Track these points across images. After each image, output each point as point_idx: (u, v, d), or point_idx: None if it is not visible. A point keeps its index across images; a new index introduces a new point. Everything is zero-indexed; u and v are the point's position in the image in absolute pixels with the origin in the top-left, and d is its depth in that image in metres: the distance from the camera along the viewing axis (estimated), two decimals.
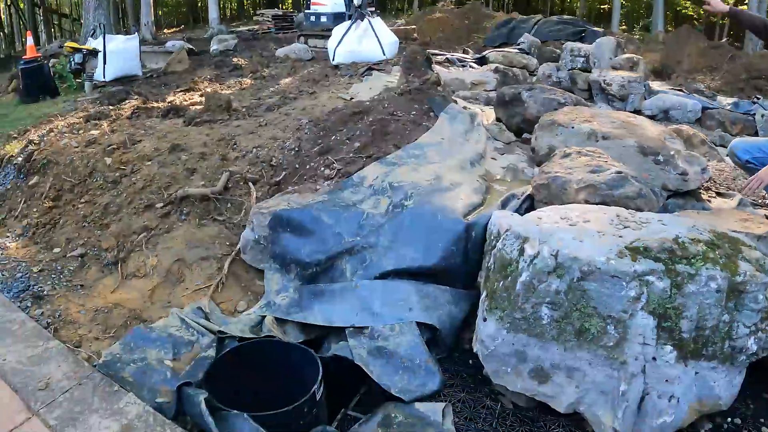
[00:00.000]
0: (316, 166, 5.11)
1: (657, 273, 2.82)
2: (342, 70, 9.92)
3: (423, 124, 5.52)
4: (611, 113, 5.38)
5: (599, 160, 4.09)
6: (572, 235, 3.04)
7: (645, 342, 2.88)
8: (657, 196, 3.94)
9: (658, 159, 4.50)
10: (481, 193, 4.48)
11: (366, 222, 4.10)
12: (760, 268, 2.97)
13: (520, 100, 5.84)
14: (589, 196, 3.76)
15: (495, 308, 3.16)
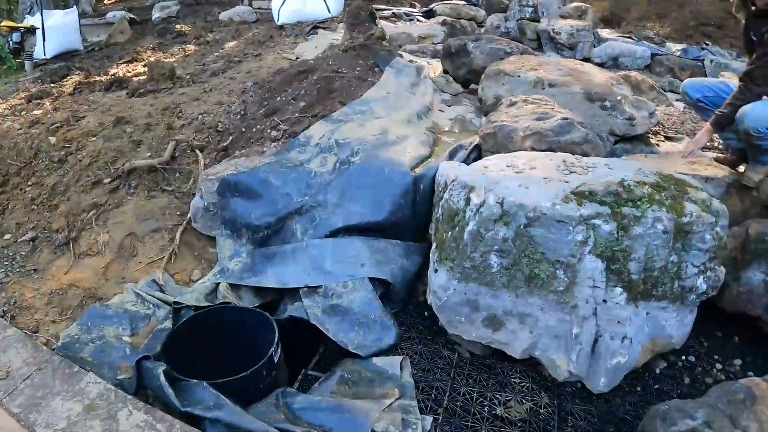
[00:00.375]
0: (262, 128, 5.03)
1: (603, 216, 2.83)
2: (287, 30, 9.71)
3: (368, 80, 5.44)
4: (559, 61, 5.38)
5: (545, 108, 4.08)
6: (518, 182, 3.03)
7: (595, 285, 2.91)
8: (604, 141, 3.96)
9: (604, 105, 4.51)
10: (428, 145, 4.44)
11: (314, 181, 4.07)
12: (707, 208, 3.01)
13: (467, 51, 5.79)
14: (536, 143, 3.76)
15: (445, 259, 3.17)
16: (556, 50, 9.22)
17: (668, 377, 3.35)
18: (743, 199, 3.95)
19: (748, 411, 2.67)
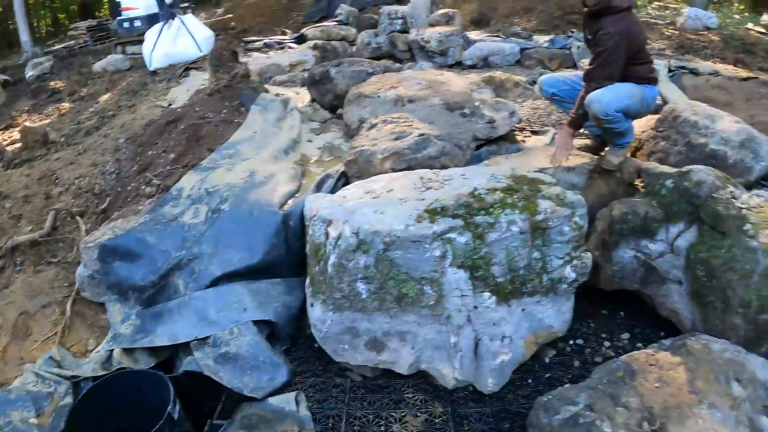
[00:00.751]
0: (137, 185, 5.00)
1: (457, 229, 2.95)
2: (160, 74, 9.56)
3: (235, 121, 5.48)
4: (418, 74, 5.52)
5: (404, 126, 4.20)
6: (374, 208, 3.12)
7: (463, 294, 3.03)
8: (463, 150, 4.10)
9: (464, 112, 4.67)
10: (296, 179, 4.50)
11: (189, 234, 4.10)
12: (561, 202, 3.19)
13: (329, 77, 5.87)
14: (395, 163, 3.87)
15: (317, 293, 3.23)
16: (428, 58, 9.39)
17: (558, 364, 3.51)
18: (608, 182, 4.18)
19: (628, 387, 2.84)
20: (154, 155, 5.29)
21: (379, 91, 5.01)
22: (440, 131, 4.27)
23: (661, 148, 4.48)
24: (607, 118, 3.89)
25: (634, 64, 4.00)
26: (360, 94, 5.06)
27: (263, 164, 4.65)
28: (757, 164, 4.20)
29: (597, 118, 3.93)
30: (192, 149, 5.11)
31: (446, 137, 4.18)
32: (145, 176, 5.01)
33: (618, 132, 4.04)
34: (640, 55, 4.02)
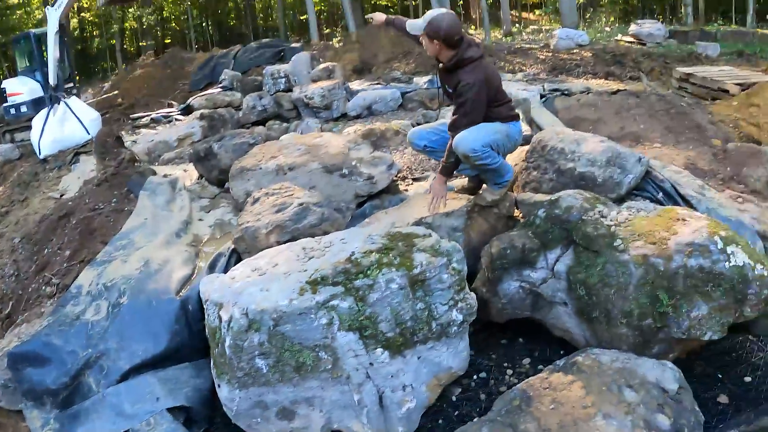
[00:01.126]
0: (37, 286, 4.90)
1: (338, 296, 3.07)
2: (51, 162, 9.29)
3: (125, 209, 5.45)
4: (297, 139, 5.61)
5: (284, 197, 4.28)
6: (260, 286, 3.19)
7: (356, 354, 3.13)
8: (342, 212, 4.22)
9: (343, 173, 4.80)
10: (191, 262, 4.52)
11: (93, 331, 4.08)
12: (435, 252, 3.33)
13: (213, 152, 5.90)
14: (279, 236, 3.94)
15: (222, 373, 3.26)
16: (314, 114, 9.54)
17: (466, 400, 3.61)
18: (487, 218, 4.39)
19: (525, 414, 2.98)
20: (50, 253, 5.21)
21: (260, 163, 5.08)
22: (320, 197, 4.37)
23: (534, 178, 4.72)
24: (476, 154, 4.05)
25: (496, 106, 4.23)
26: (242, 168, 5.11)
27: (157, 251, 4.65)
28: (625, 178, 4.49)
29: (467, 158, 4.09)
30: (86, 244, 5.05)
31: (325, 203, 4.28)
32: (44, 276, 4.93)
33: (493, 169, 4.21)
34: (499, 97, 4.25)
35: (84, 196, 5.83)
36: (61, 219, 5.59)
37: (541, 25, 26.42)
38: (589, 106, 7.36)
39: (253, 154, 5.32)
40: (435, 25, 4.02)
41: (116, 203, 5.55)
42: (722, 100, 8.19)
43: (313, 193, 4.43)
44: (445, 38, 4.02)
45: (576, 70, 11.90)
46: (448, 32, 4.00)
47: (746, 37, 16.40)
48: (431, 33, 4.05)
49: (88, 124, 9.91)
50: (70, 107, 10.03)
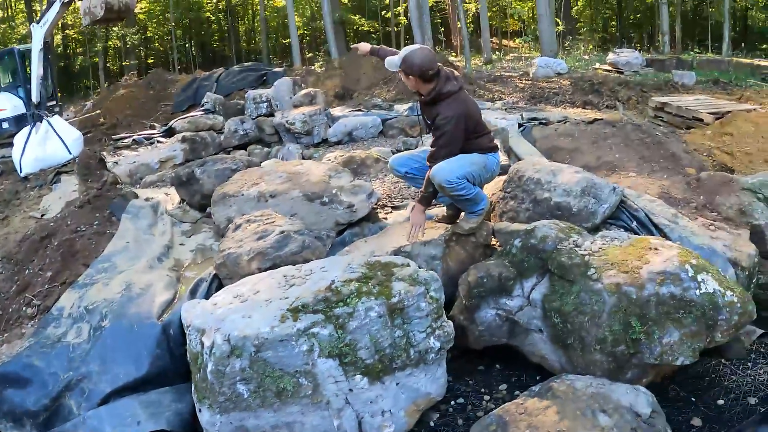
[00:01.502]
0: (17, 307, 4.86)
1: (319, 323, 3.14)
2: (32, 180, 9.23)
3: (107, 232, 5.44)
4: (278, 167, 5.68)
5: (266, 224, 4.33)
6: (242, 313, 3.25)
7: (336, 380, 3.20)
8: (323, 240, 4.28)
9: (323, 201, 4.88)
10: (172, 286, 4.54)
11: (74, 354, 4.09)
12: (414, 281, 3.42)
13: (195, 177, 5.94)
14: (260, 263, 3.99)
15: (203, 398, 3.30)
16: (295, 140, 9.53)
17: (444, 425, 3.66)
18: (465, 247, 4.46)
19: None
20: (31, 274, 5.17)
21: (242, 189, 5.13)
22: (301, 225, 4.43)
23: (511, 208, 4.83)
24: (451, 185, 4.14)
25: (475, 137, 4.34)
26: (225, 194, 5.16)
27: (139, 275, 4.67)
28: (600, 207, 4.61)
29: (442, 188, 4.18)
30: (68, 265, 5.04)
31: (306, 231, 4.34)
32: (25, 297, 4.90)
33: (467, 199, 4.30)
34: (478, 129, 4.37)
35: (66, 218, 5.82)
36: (43, 240, 5.57)
37: (521, 53, 26.78)
38: (567, 136, 7.51)
39: (235, 180, 5.38)
40: (409, 62, 4.14)
41: (98, 225, 5.55)
42: (697, 129, 8.40)
43: (294, 221, 4.50)
44: (420, 74, 4.14)
45: (554, 98, 12.09)
46: (422, 67, 4.12)
47: (721, 65, 16.80)
48: (406, 69, 4.18)
49: (70, 144, 9.91)
50: (52, 126, 10.00)
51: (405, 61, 4.16)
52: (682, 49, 23.79)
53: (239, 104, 12.34)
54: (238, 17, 39.74)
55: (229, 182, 5.41)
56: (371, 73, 14.83)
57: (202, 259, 5.06)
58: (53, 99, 12.70)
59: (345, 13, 30.80)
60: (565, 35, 27.78)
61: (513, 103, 11.77)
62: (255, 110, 10.82)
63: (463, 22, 21.39)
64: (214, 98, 13.03)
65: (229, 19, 36.85)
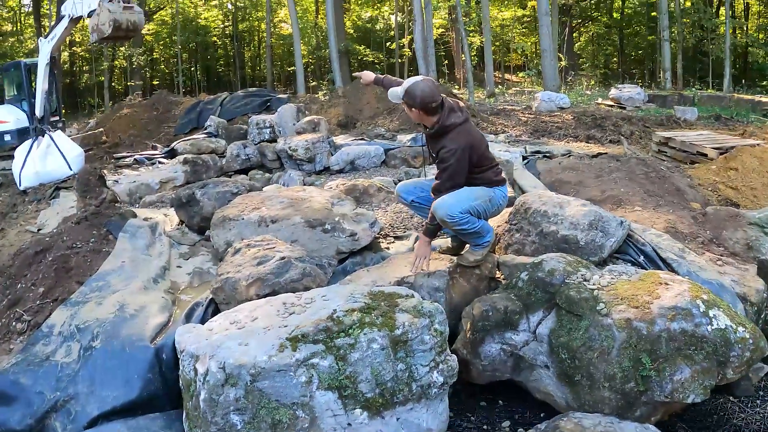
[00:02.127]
0: (7, 321, 4.70)
1: (319, 354, 3.01)
2: (30, 194, 9.24)
3: (104, 250, 5.33)
4: (281, 192, 5.60)
5: (266, 249, 4.23)
6: (239, 340, 3.12)
7: (335, 414, 3.05)
8: (324, 269, 4.18)
9: (326, 228, 4.78)
10: (167, 309, 4.42)
11: (62, 374, 3.93)
12: (418, 313, 3.31)
13: (195, 199, 5.86)
14: (259, 289, 3.88)
15: (194, 427, 3.16)
16: (297, 166, 9.53)
17: None
18: (469, 280, 4.35)
19: None
20: (23, 289, 5.04)
21: (242, 213, 5.04)
22: (302, 252, 4.33)
23: (517, 240, 4.74)
24: (453, 220, 4.05)
25: (481, 170, 4.26)
26: (225, 218, 5.06)
27: (133, 296, 4.55)
28: (607, 241, 4.51)
29: (444, 222, 4.10)
30: (62, 282, 4.91)
31: (307, 258, 4.24)
32: (16, 311, 4.74)
33: (471, 232, 4.21)
34: (484, 162, 4.29)
35: (62, 233, 5.73)
36: (37, 254, 5.47)
37: (524, 87, 26.94)
38: (571, 169, 7.45)
39: (236, 204, 5.29)
40: (411, 95, 4.10)
41: (95, 243, 5.46)
42: (701, 163, 8.39)
43: (295, 248, 4.40)
44: (423, 106, 4.10)
45: (557, 132, 12.09)
46: (425, 100, 4.07)
47: (723, 101, 16.94)
48: (409, 102, 4.14)
49: (71, 160, 9.94)
50: (54, 141, 10.04)
51: (408, 93, 4.12)
52: (683, 85, 23.97)
53: (242, 129, 12.37)
54: (245, 43, 40.06)
55: (229, 206, 5.32)
56: (375, 102, 14.87)
57: (198, 283, 4.94)
58: (57, 114, 12.75)
59: (350, 43, 31.06)
60: (568, 71, 27.99)
61: (516, 136, 11.77)
62: (258, 135, 10.84)
63: (467, 55, 21.55)
64: (217, 122, 13.06)
65: (235, 45, 37.14)
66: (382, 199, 6.55)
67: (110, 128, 16.13)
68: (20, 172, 9.70)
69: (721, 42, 24.17)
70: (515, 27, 33.29)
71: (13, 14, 33.47)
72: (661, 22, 23.79)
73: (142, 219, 6.05)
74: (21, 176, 9.69)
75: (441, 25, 33.69)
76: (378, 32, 36.74)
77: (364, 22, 37.38)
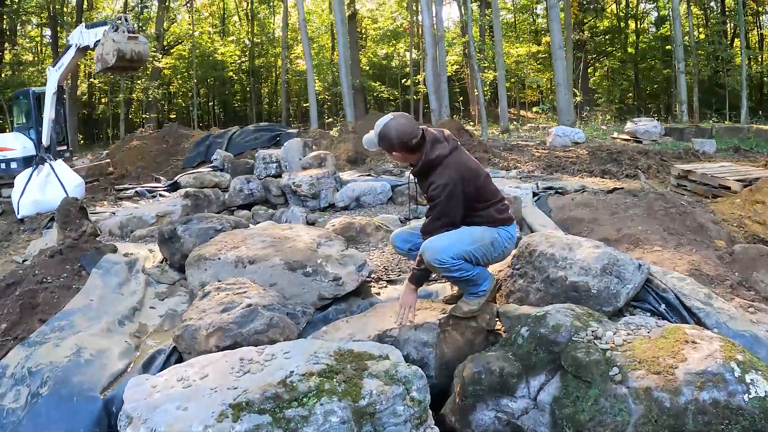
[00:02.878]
0: None
1: (264, 427, 2.49)
2: (27, 223, 9.14)
3: (74, 287, 4.97)
4: (266, 229, 5.14)
5: (235, 294, 3.75)
6: (178, 403, 2.65)
7: None
8: (297, 318, 3.67)
9: (307, 271, 4.28)
10: (129, 355, 3.99)
11: (7, 420, 3.60)
12: (390, 379, 2.80)
13: (177, 235, 5.42)
14: (219, 340, 3.38)
15: None
16: (301, 202, 9.25)
17: None
18: (464, 333, 3.78)
19: None
20: None
21: (219, 253, 4.58)
22: (273, 298, 3.84)
23: (520, 287, 4.18)
24: (443, 266, 3.54)
25: (482, 207, 3.76)
26: (200, 257, 4.60)
27: (94, 339, 4.14)
28: (623, 288, 3.95)
29: (433, 268, 3.59)
30: (25, 319, 4.55)
31: (278, 306, 3.75)
32: None
33: (466, 280, 3.69)
34: (484, 196, 3.77)
35: (35, 267, 5.36)
36: (9, 287, 5.09)
37: (538, 122, 26.61)
38: (585, 206, 6.96)
39: (215, 242, 4.83)
40: (386, 138, 3.65)
41: (66, 279, 5.08)
42: (724, 197, 7.88)
43: (266, 294, 3.90)
44: (402, 146, 3.64)
45: (571, 167, 11.70)
46: (402, 139, 3.61)
47: (741, 133, 16.76)
48: (386, 147, 3.69)
49: (70, 190, 9.81)
50: (54, 170, 9.98)
51: (382, 138, 3.66)
52: (699, 118, 23.60)
53: (249, 163, 12.17)
54: (261, 79, 40.21)
55: (208, 243, 4.85)
56: None
57: (170, 326, 4.46)
58: (65, 144, 12.71)
59: (365, 79, 31.01)
60: (583, 106, 27.66)
61: (528, 171, 11.34)
62: (264, 170, 10.58)
63: (480, 91, 21.24)
64: (224, 155, 12.84)
65: (251, 80, 37.23)
66: (380, 239, 6.07)
67: (119, 159, 16.07)
68: (19, 199, 9.67)
69: (737, 74, 23.89)
70: (530, 63, 33.10)
71: (35, 44, 33.90)
72: (676, 53, 23.67)
73: (122, 255, 5.64)
74: (19, 204, 9.66)
75: (456, 61, 33.72)
76: (393, 69, 36.85)
77: (379, 59, 37.58)
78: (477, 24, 27.85)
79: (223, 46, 37.04)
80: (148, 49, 10.19)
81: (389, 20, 35.97)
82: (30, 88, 13.54)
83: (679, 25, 23.61)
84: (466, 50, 28.37)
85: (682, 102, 23.03)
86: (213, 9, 40.18)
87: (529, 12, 37.21)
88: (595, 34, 34.59)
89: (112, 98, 32.50)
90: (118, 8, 32.70)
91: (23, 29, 33.63)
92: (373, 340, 3.52)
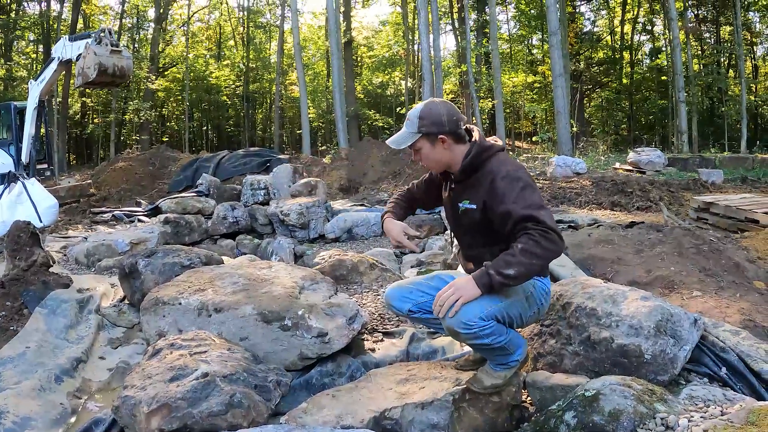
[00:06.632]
0: None
1: None
2: None
3: (11, 329, 4.23)
4: (239, 268, 4.26)
5: (191, 356, 2.87)
6: None
7: None
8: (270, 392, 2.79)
9: (285, 324, 3.43)
10: (61, 423, 3.23)
11: None
12: None
13: (137, 271, 4.59)
14: (165, 422, 2.50)
15: None
16: (289, 233, 8.65)
17: None
18: (483, 410, 2.94)
19: None
20: None
21: (181, 296, 3.71)
22: (239, 364, 2.95)
23: (551, 350, 3.28)
24: (470, 332, 2.62)
25: None
26: (158, 300, 3.75)
27: (20, 400, 3.37)
28: (680, 351, 3.07)
29: (456, 334, 2.68)
30: None
31: (244, 375, 2.87)
32: None
33: (495, 347, 2.77)
34: None
35: None
36: None
37: (534, 153, 26.13)
38: (605, 243, 6.18)
39: (178, 282, 3.97)
40: (430, 115, 2.81)
41: (3, 318, 4.35)
42: (752, 231, 7.16)
43: (231, 356, 3.02)
44: (450, 125, 2.81)
45: (577, 199, 11.02)
46: (451, 117, 2.82)
47: (745, 163, 16.48)
48: (430, 130, 2.81)
49: (42, 211, 9.18)
50: (27, 190, 9.29)
51: (426, 116, 2.81)
52: (698, 148, 23.25)
53: (236, 189, 11.60)
54: (256, 104, 39.71)
55: (170, 283, 3.98)
56: (379, 166, 14.03)
57: (118, 383, 3.62)
58: (45, 161, 11.97)
59: (359, 107, 30.55)
60: (579, 136, 27.25)
61: None
62: (251, 197, 10.05)
63: (478, 120, 20.71)
64: (210, 180, 12.19)
65: (246, 105, 36.69)
66: (375, 279, 5.22)
67: (103, 181, 15.38)
68: None
69: (736, 103, 23.70)
70: (526, 93, 32.80)
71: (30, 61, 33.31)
72: (676, 83, 23.36)
73: (75, 290, 4.84)
74: None
75: (452, 90, 33.37)
76: (388, 97, 36.50)
77: (374, 87, 37.24)
78: (474, 53, 27.40)
79: (218, 70, 36.53)
80: (131, 65, 9.58)
81: (385, 48, 35.68)
82: (11, 102, 13.03)
83: (679, 54, 23.24)
84: (462, 79, 27.97)
85: (683, 132, 22.60)
86: (209, 33, 39.76)
87: (524, 44, 36.97)
88: (590, 65, 34.45)
89: (104, 118, 31.88)
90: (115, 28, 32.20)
91: (18, 45, 33.13)
92: (368, 426, 2.64)
